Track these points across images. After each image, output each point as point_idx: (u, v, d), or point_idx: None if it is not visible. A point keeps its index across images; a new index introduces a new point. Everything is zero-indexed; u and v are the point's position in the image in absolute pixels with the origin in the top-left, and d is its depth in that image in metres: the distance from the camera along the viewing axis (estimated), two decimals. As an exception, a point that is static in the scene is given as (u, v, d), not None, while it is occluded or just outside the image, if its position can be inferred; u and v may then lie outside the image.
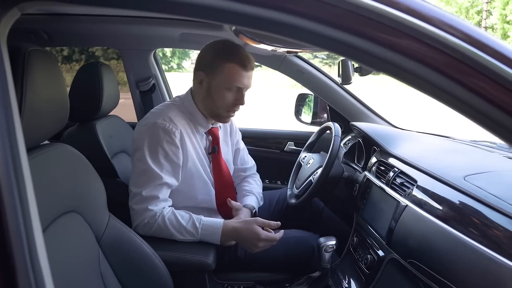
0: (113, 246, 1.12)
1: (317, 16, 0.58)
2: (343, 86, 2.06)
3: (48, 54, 0.91)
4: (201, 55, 1.44)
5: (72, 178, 1.01)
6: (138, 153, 1.38)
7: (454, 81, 0.55)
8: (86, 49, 10.66)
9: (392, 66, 0.61)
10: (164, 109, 1.44)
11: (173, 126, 1.37)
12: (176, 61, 23.11)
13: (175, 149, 1.38)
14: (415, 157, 1.36)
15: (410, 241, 1.16)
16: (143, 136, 1.38)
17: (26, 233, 0.58)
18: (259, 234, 1.34)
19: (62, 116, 0.97)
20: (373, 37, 0.58)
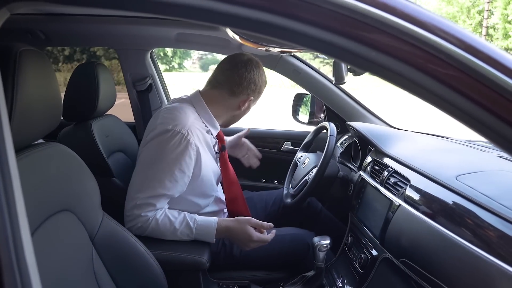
0: (107, 245, 1.12)
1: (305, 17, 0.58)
2: (339, 86, 2.06)
3: (40, 54, 0.91)
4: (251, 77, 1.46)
5: (65, 177, 1.02)
6: (148, 157, 1.36)
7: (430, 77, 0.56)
8: (88, 49, 10.70)
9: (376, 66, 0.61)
10: (181, 114, 1.38)
11: (191, 137, 1.34)
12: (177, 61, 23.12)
13: (189, 160, 1.35)
14: (409, 156, 1.37)
15: (403, 241, 1.17)
16: (159, 142, 1.33)
17: (12, 233, 0.59)
18: (251, 236, 1.35)
19: (54, 115, 0.98)
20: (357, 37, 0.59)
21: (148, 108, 2.15)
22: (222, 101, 1.48)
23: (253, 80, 1.46)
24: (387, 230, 1.24)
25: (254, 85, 1.47)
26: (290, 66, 2.01)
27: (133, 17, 1.78)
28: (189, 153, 1.33)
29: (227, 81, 1.46)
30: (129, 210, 1.34)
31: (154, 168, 1.33)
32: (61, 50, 12.63)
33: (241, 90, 1.45)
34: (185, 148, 1.32)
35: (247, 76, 1.44)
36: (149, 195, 1.32)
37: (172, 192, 1.35)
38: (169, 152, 1.32)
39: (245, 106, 1.50)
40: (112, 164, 1.64)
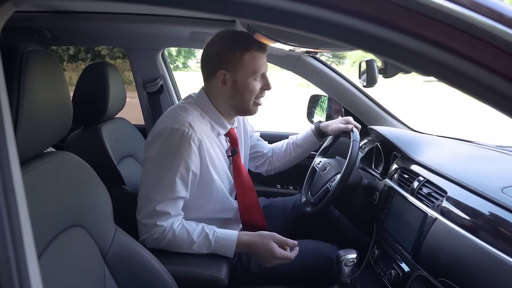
0: (120, 262, 1.04)
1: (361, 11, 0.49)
2: (359, 88, 1.96)
3: (48, 55, 0.82)
4: (212, 53, 1.33)
5: (75, 190, 0.94)
6: (152, 161, 1.28)
7: None
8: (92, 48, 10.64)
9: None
10: (181, 112, 1.31)
11: (192, 132, 1.25)
12: (182, 60, 23.06)
13: (194, 158, 1.27)
14: (442, 164, 1.27)
15: (442, 258, 1.07)
16: (160, 143, 1.26)
17: (16, 260, 0.50)
18: (274, 252, 1.27)
19: (64, 122, 0.89)
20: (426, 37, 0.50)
21: (158, 110, 2.06)
22: (212, 88, 1.37)
23: (214, 53, 1.32)
24: (422, 245, 1.14)
25: (217, 56, 1.32)
26: (308, 66, 1.91)
27: (145, 15, 1.69)
28: (192, 149, 1.25)
29: (203, 68, 1.38)
30: (143, 219, 1.26)
31: (160, 172, 1.25)
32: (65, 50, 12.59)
33: (212, 69, 1.33)
34: (187, 144, 1.24)
35: (209, 53, 1.34)
36: (161, 201, 1.24)
37: (184, 194, 1.28)
38: (171, 151, 1.24)
39: (227, 82, 1.33)
40: (123, 171, 1.56)
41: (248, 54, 1.30)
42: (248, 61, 1.30)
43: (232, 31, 1.35)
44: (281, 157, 1.78)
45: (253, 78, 1.33)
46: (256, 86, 1.35)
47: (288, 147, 1.78)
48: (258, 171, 1.82)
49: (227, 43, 1.31)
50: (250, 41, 1.30)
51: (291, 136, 1.81)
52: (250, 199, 1.52)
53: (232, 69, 1.31)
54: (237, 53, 1.29)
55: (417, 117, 8.03)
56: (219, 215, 1.46)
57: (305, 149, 1.77)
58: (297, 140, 1.78)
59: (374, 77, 1.08)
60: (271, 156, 1.79)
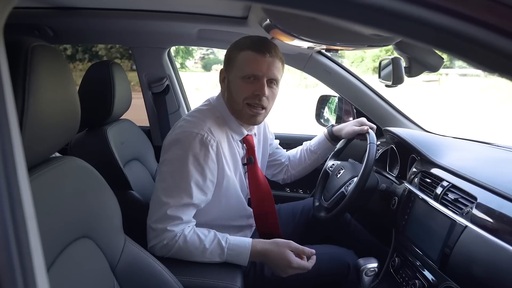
0: (130, 275, 0.97)
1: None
2: (372, 88, 1.90)
3: (55, 51, 0.75)
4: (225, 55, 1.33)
5: (83, 198, 0.86)
6: (169, 165, 1.23)
7: None
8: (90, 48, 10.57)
9: None
10: (201, 116, 1.28)
11: (211, 138, 1.23)
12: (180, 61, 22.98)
13: (212, 164, 1.23)
14: (468, 168, 1.20)
15: (475, 269, 1.00)
16: (178, 147, 1.22)
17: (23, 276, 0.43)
18: (291, 262, 1.21)
19: (72, 123, 0.82)
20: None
21: (164, 111, 1.98)
22: (222, 91, 1.37)
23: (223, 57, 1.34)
24: (450, 254, 1.07)
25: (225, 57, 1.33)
26: (320, 66, 1.84)
27: (151, 11, 1.62)
28: (210, 155, 1.22)
29: None
30: (153, 223, 1.20)
31: (176, 177, 1.21)
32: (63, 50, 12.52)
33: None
34: (206, 150, 1.21)
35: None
36: (174, 205, 1.19)
37: (198, 201, 1.23)
38: (189, 156, 1.20)
39: (225, 82, 1.33)
40: (129, 175, 1.49)
41: (243, 54, 1.26)
42: (241, 60, 1.26)
43: (248, 35, 1.33)
44: (296, 164, 1.74)
45: (243, 79, 1.26)
46: (246, 88, 1.27)
47: (302, 154, 1.74)
48: (274, 179, 1.78)
49: (232, 44, 1.32)
50: (249, 41, 1.27)
51: (305, 143, 1.76)
52: (267, 207, 1.48)
53: (229, 68, 1.30)
54: (234, 52, 1.28)
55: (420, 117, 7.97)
56: (232, 223, 1.42)
57: (320, 154, 1.73)
58: (311, 146, 1.74)
59: (401, 76, 1.02)
60: (288, 164, 1.75)
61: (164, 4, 1.58)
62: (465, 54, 0.49)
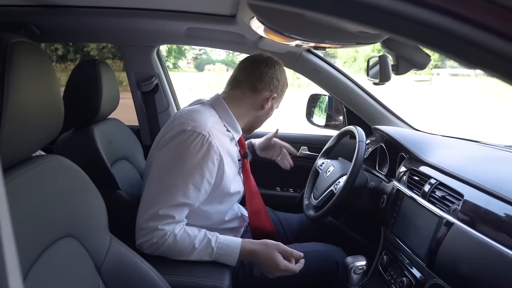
0: (116, 274, 0.96)
1: None
2: (362, 87, 1.90)
3: (36, 47, 0.74)
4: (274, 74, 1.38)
5: (67, 197, 0.85)
6: (165, 162, 1.21)
7: None
8: (81, 48, 10.49)
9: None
10: (202, 115, 1.27)
11: (213, 139, 1.20)
12: (172, 61, 22.88)
13: (211, 166, 1.21)
14: (455, 166, 1.20)
15: (461, 266, 1.00)
16: (177, 144, 1.20)
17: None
18: (278, 264, 1.21)
19: (55, 122, 0.81)
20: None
21: (153, 110, 1.97)
22: (244, 99, 1.38)
23: (275, 76, 1.38)
24: (438, 252, 1.07)
25: (277, 80, 1.39)
26: (310, 64, 1.84)
27: (139, 9, 1.60)
28: (211, 157, 1.20)
29: (248, 78, 1.37)
30: (143, 223, 1.18)
31: (173, 174, 1.18)
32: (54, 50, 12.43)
33: (263, 86, 1.36)
34: (207, 151, 1.19)
35: (269, 72, 1.37)
36: (168, 204, 1.17)
37: (193, 201, 1.21)
38: (190, 155, 1.17)
39: (268, 105, 1.40)
40: (117, 174, 1.47)
41: (285, 91, 1.46)
42: (283, 96, 1.47)
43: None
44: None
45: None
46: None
47: None
48: None
49: (285, 76, 1.45)
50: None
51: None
52: (258, 203, 1.49)
53: (278, 98, 1.43)
54: (285, 87, 1.45)
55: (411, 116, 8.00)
56: (227, 225, 1.42)
57: None
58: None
59: (388, 74, 1.02)
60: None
61: (152, 2, 1.56)
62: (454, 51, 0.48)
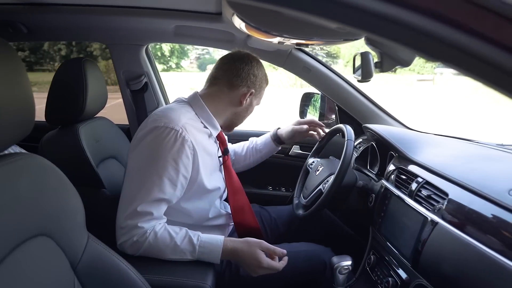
0: (92, 273, 0.95)
1: None
2: (353, 85, 1.88)
3: (3, 43, 0.73)
4: (251, 70, 1.38)
5: (41, 196, 0.84)
6: (140, 160, 1.21)
7: None
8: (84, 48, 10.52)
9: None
10: (176, 112, 1.26)
11: (186, 134, 1.20)
12: (175, 61, 22.93)
13: (186, 160, 1.21)
14: (442, 165, 1.19)
15: (443, 266, 0.99)
16: (150, 140, 1.19)
17: None
18: (260, 262, 1.19)
19: (25, 120, 0.80)
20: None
21: (143, 109, 1.96)
22: (221, 96, 1.38)
23: (252, 72, 1.38)
24: (422, 252, 1.06)
25: (254, 76, 1.38)
26: (300, 62, 1.82)
27: (126, 7, 1.59)
28: (185, 151, 1.20)
29: (225, 74, 1.37)
30: (122, 222, 1.17)
31: (148, 171, 1.18)
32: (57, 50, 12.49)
33: (240, 82, 1.37)
34: (180, 145, 1.18)
35: (245, 68, 1.37)
36: (145, 200, 1.16)
37: (170, 196, 1.20)
38: (163, 150, 1.17)
39: (246, 101, 1.40)
40: (103, 173, 1.46)
41: (265, 88, 1.47)
42: (262, 93, 1.48)
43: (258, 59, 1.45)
44: (240, 160, 1.77)
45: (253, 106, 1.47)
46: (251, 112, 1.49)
47: (248, 151, 1.77)
48: None
49: (264, 72, 1.44)
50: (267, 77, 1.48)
51: (251, 139, 1.78)
52: (241, 199, 1.48)
53: (257, 94, 1.43)
54: (264, 84, 1.45)
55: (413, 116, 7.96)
56: (211, 222, 1.40)
57: (264, 154, 1.77)
58: (257, 145, 1.76)
59: (370, 71, 1.00)
60: (234, 160, 1.76)
61: (139, 0, 1.55)
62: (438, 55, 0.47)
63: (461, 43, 0.43)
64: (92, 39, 2.01)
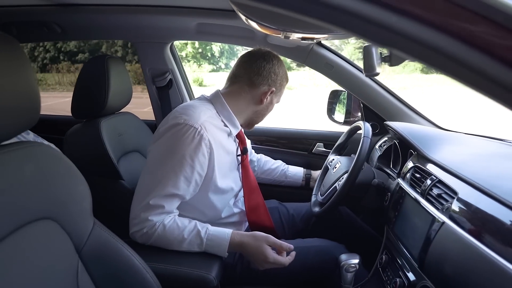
0: (96, 258, 0.99)
1: None
2: (378, 81, 1.83)
3: (8, 38, 0.78)
4: (272, 68, 1.38)
5: (45, 181, 0.89)
6: (157, 154, 1.25)
7: None
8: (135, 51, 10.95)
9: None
10: (196, 110, 1.28)
11: (204, 132, 1.22)
12: (224, 61, 23.30)
13: (202, 158, 1.23)
14: (457, 163, 1.13)
15: (446, 267, 0.94)
16: (169, 136, 1.23)
17: None
18: (267, 257, 1.20)
19: (30, 112, 0.85)
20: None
21: (168, 105, 2.02)
22: (242, 94, 1.38)
23: (273, 70, 1.38)
24: (428, 252, 1.02)
25: (274, 75, 1.38)
26: (322, 59, 1.80)
27: (152, 6, 1.66)
28: (202, 149, 1.21)
29: (246, 73, 1.37)
30: (136, 213, 1.22)
31: (164, 166, 1.21)
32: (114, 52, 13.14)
33: (261, 80, 1.37)
34: (198, 143, 1.20)
35: (266, 66, 1.37)
36: (158, 194, 1.20)
37: (184, 192, 1.23)
38: (181, 147, 1.20)
39: (267, 99, 1.40)
40: (125, 166, 1.53)
41: (285, 86, 1.46)
42: (282, 92, 1.47)
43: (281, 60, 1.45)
44: (264, 171, 1.81)
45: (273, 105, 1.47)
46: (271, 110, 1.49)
47: (277, 170, 1.81)
48: None
49: (284, 70, 1.44)
50: (287, 75, 1.47)
51: (285, 164, 1.84)
52: (257, 199, 1.49)
53: (277, 92, 1.43)
54: (285, 82, 1.45)
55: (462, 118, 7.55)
56: (223, 220, 1.42)
57: (287, 182, 1.82)
58: (287, 171, 1.81)
59: (372, 65, 0.96)
60: (257, 165, 1.79)
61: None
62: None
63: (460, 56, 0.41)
64: (119, 38, 2.10)
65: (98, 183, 1.23)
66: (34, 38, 2.06)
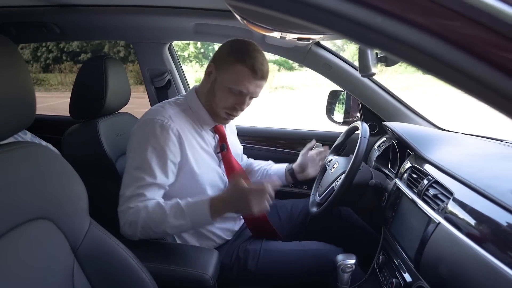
0: (92, 257, 0.99)
1: None
2: (377, 82, 1.83)
3: (5, 40, 0.79)
4: (219, 48, 1.36)
5: (41, 181, 0.89)
6: (132, 150, 1.28)
7: None
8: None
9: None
10: (164, 106, 1.34)
11: (171, 123, 1.26)
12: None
13: (173, 146, 1.26)
14: (453, 163, 1.13)
15: (441, 268, 0.94)
16: (139, 132, 1.27)
17: None
18: (246, 193, 1.13)
19: (25, 112, 0.86)
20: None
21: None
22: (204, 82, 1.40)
23: (220, 49, 1.36)
24: (423, 253, 1.02)
25: (218, 51, 1.35)
26: (320, 59, 1.80)
27: (150, 6, 1.66)
28: (171, 137, 1.25)
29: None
30: (120, 207, 1.22)
31: (138, 159, 1.24)
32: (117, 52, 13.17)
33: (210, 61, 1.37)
34: (166, 133, 1.25)
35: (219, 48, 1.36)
36: (138, 185, 1.21)
37: (162, 181, 1.24)
38: (150, 139, 1.24)
39: (210, 77, 1.35)
40: (123, 165, 1.51)
41: (240, 67, 1.28)
42: (236, 73, 1.29)
43: (246, 42, 1.34)
44: (250, 174, 1.73)
45: (229, 89, 1.31)
46: (229, 99, 1.33)
47: (260, 171, 1.75)
48: None
49: (230, 46, 1.32)
50: (248, 57, 1.28)
51: (268, 162, 1.77)
52: None
53: (219, 69, 1.32)
54: (230, 58, 1.29)
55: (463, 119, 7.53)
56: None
57: None
58: (269, 170, 1.73)
59: (367, 65, 0.97)
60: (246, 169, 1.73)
61: (161, 0, 1.61)
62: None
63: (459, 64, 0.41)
64: (118, 38, 2.11)
65: (96, 183, 1.23)
66: (33, 38, 2.08)
